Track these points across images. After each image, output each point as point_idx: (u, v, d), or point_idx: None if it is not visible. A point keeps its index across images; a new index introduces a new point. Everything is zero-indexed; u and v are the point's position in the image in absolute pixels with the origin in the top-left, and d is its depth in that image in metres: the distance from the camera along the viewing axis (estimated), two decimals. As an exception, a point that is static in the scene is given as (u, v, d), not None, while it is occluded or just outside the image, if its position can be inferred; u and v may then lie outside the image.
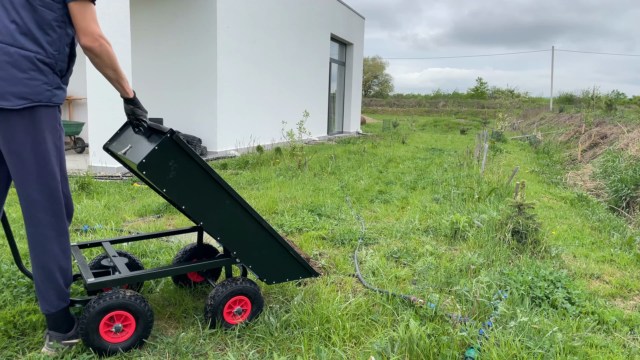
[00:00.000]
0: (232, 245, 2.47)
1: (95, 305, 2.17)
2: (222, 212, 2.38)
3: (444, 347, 2.27)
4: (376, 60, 60.15)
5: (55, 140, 2.06)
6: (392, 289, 3.12)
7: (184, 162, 2.22)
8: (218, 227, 2.40)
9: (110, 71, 2.13)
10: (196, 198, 2.30)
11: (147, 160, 2.14)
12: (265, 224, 2.48)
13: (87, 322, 2.15)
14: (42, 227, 2.07)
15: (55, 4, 1.97)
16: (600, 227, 5.07)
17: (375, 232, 4.55)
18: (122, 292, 2.24)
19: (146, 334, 2.31)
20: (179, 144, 2.18)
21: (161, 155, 2.16)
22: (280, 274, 2.64)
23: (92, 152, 7.38)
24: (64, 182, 2.15)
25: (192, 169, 2.26)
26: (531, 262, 3.50)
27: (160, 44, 10.32)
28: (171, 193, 2.24)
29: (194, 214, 2.32)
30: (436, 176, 7.75)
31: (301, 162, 8.33)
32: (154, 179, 2.18)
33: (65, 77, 2.08)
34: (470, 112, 41.08)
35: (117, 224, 4.47)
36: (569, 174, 9.09)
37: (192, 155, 2.23)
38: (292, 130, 9.78)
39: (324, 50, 15.81)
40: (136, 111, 2.32)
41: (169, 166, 2.19)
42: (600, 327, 2.74)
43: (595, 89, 31.02)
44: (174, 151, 2.19)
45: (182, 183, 2.25)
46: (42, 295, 2.14)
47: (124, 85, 2.23)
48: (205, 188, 2.31)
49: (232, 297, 2.50)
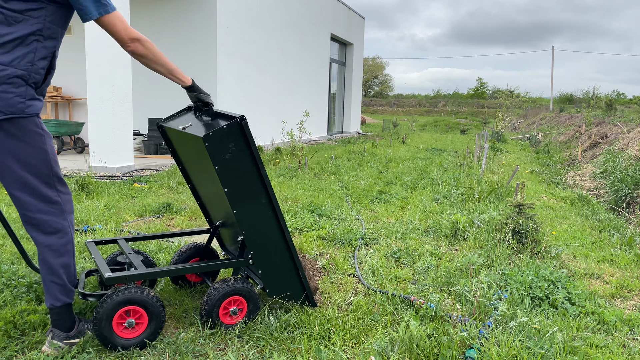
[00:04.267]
0: (253, 244, 2.50)
1: (114, 297, 2.20)
2: (257, 208, 2.45)
3: (444, 347, 2.27)
4: (376, 60, 60.18)
5: (40, 145, 2.07)
6: (392, 289, 3.12)
7: (242, 149, 2.33)
8: (247, 221, 2.45)
9: (159, 66, 2.23)
10: (240, 185, 2.39)
11: (213, 134, 2.24)
12: (288, 236, 2.53)
13: (101, 314, 2.18)
14: (38, 226, 2.12)
15: (31, 18, 1.98)
16: (600, 227, 5.07)
17: (375, 232, 4.55)
18: (141, 288, 2.27)
19: (155, 335, 2.33)
20: (245, 132, 2.30)
21: (227, 134, 2.27)
22: (282, 289, 2.65)
23: (92, 152, 7.38)
24: (57, 181, 2.16)
25: (247, 158, 2.36)
26: (531, 262, 3.50)
27: (160, 44, 10.32)
28: (220, 172, 2.32)
29: (232, 199, 2.39)
30: (436, 176, 7.75)
31: (301, 162, 8.33)
32: (211, 152, 2.27)
33: (40, 89, 2.07)
34: (471, 112, 41.08)
35: (117, 224, 4.47)
36: (569, 174, 9.09)
37: (251, 145, 2.33)
38: (292, 130, 9.78)
39: (324, 50, 15.81)
40: (200, 96, 2.44)
41: (229, 147, 2.30)
42: (600, 327, 2.74)
43: (595, 89, 31.03)
44: (238, 136, 2.30)
45: (233, 167, 2.34)
46: (47, 290, 2.19)
47: (179, 76, 2.32)
48: (251, 180, 2.40)
49: (227, 298, 2.50)
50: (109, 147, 7.36)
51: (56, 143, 9.03)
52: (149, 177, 6.97)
